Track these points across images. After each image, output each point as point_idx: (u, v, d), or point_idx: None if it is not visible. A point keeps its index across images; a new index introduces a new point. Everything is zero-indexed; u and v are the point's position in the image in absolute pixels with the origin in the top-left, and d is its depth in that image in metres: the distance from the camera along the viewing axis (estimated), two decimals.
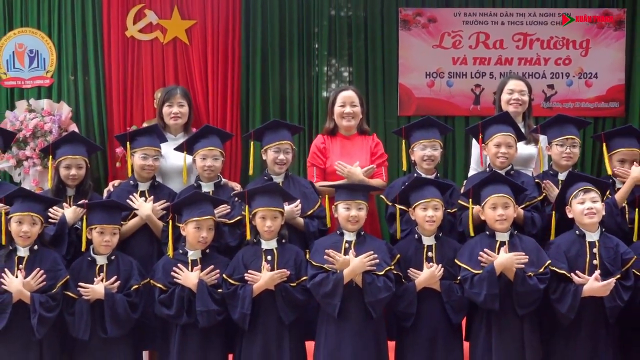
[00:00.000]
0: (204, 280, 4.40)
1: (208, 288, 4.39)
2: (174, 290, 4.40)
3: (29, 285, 4.31)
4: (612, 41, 8.51)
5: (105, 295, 4.36)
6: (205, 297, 4.36)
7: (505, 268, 4.35)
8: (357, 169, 5.14)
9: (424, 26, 8.52)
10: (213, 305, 4.37)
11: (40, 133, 7.90)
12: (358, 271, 4.34)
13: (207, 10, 8.35)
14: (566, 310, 4.36)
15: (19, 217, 4.43)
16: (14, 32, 8.39)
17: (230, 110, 8.31)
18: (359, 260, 4.34)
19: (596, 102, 8.50)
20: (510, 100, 5.35)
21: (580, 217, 4.48)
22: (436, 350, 4.52)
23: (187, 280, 4.40)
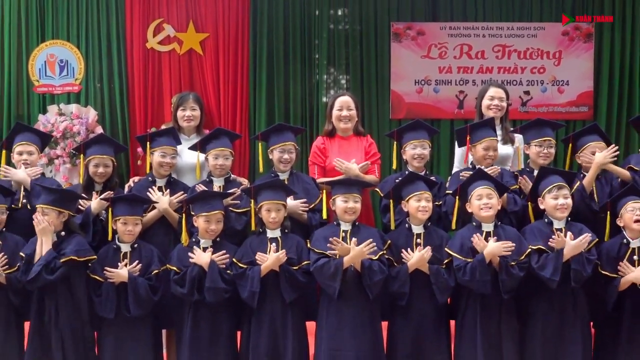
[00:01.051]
0: (215, 261, 4.41)
1: (218, 268, 4.39)
2: (186, 271, 4.41)
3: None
4: (582, 52, 8.50)
5: (129, 278, 4.37)
6: (215, 276, 4.37)
7: (493, 256, 4.35)
8: (353, 165, 5.15)
9: (414, 39, 8.52)
10: (221, 284, 4.38)
11: (69, 134, 7.90)
12: (358, 258, 4.35)
13: (219, 25, 8.35)
14: (551, 274, 4.35)
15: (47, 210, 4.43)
16: (46, 44, 8.38)
17: (239, 114, 8.31)
18: (359, 248, 4.34)
19: (567, 106, 8.50)
20: (490, 105, 5.34)
21: (553, 210, 4.50)
22: (424, 328, 4.52)
23: (200, 259, 4.41)
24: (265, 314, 4.48)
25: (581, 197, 4.71)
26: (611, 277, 4.50)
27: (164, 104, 8.24)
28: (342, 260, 4.34)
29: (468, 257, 4.40)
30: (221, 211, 4.55)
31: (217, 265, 4.39)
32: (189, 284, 4.37)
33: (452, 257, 4.48)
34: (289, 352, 4.46)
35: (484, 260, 4.32)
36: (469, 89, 8.36)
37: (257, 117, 8.42)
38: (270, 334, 4.47)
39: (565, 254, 4.34)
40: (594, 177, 4.80)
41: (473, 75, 8.50)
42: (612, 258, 4.52)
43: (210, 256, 4.41)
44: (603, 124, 8.22)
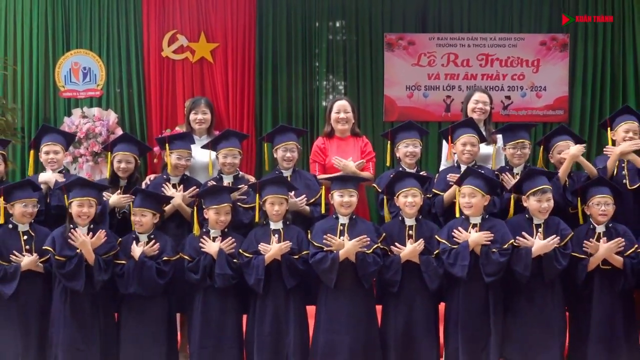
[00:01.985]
0: (224, 249, 4.42)
1: (226, 256, 4.40)
2: (200, 259, 4.42)
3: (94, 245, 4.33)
4: (558, 61, 8.49)
5: (139, 258, 4.37)
6: (223, 263, 4.39)
7: (476, 244, 4.35)
8: (350, 163, 5.17)
9: (405, 48, 8.51)
10: (229, 271, 4.39)
11: (91, 135, 7.89)
12: (351, 252, 4.35)
13: (228, 35, 8.35)
14: (522, 269, 4.37)
15: (80, 201, 4.42)
16: (71, 53, 8.37)
17: (246, 117, 8.31)
18: (352, 243, 4.35)
19: (545, 110, 8.49)
20: (475, 108, 5.35)
21: (536, 212, 4.51)
22: (414, 312, 4.52)
23: (210, 248, 4.42)
24: (269, 299, 4.48)
25: (557, 188, 4.71)
26: (580, 257, 4.51)
27: (178, 108, 8.23)
28: (337, 254, 4.34)
29: (454, 244, 4.41)
30: (229, 204, 4.56)
31: (225, 254, 4.40)
32: (202, 271, 4.39)
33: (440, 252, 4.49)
34: (291, 334, 4.47)
35: (467, 248, 4.33)
36: (455, 94, 8.35)
37: (262, 120, 8.42)
38: (273, 317, 4.47)
39: (534, 251, 4.36)
40: (568, 169, 4.80)
41: (459, 82, 8.49)
42: (581, 241, 4.52)
43: (219, 245, 4.42)
44: (577, 126, 8.23)
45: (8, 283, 4.33)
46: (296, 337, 4.48)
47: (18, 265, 4.34)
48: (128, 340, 4.49)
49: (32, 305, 4.46)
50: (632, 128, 4.86)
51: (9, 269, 4.34)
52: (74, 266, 4.28)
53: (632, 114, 5.03)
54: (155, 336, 4.50)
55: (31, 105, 8.35)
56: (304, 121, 8.43)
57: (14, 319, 4.41)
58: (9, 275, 4.34)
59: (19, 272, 4.34)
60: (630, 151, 4.77)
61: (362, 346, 4.45)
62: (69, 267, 4.28)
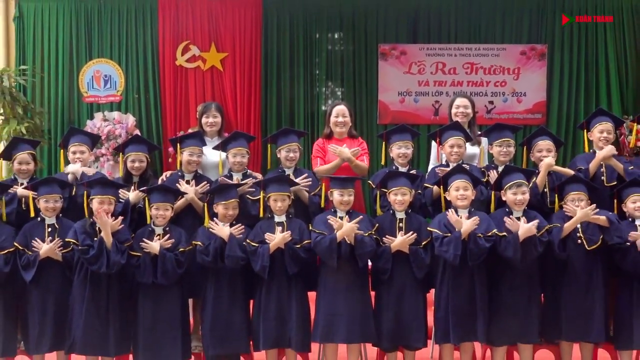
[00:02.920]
0: (234, 233, 4.40)
1: (236, 239, 4.39)
2: (210, 243, 4.40)
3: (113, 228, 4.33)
4: (536, 69, 8.50)
5: (159, 251, 4.35)
6: (233, 246, 4.35)
7: (467, 233, 4.33)
8: (345, 149, 5.13)
9: (397, 57, 8.51)
10: (239, 253, 4.36)
11: (112, 137, 7.90)
12: (349, 232, 4.34)
13: (236, 46, 8.35)
14: (512, 254, 4.34)
15: (100, 199, 4.41)
16: (93, 62, 8.37)
17: (253, 120, 8.32)
18: (350, 224, 4.35)
19: (525, 114, 8.50)
20: (457, 113, 5.34)
21: (512, 204, 4.50)
22: (403, 297, 4.50)
23: (221, 232, 4.39)
24: (274, 285, 4.47)
25: (535, 194, 4.70)
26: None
27: (190, 112, 8.24)
28: (335, 235, 4.34)
29: (446, 233, 4.39)
30: (236, 199, 4.55)
31: (235, 237, 4.39)
32: (213, 252, 4.36)
33: (430, 239, 4.47)
34: (293, 316, 4.46)
35: (460, 236, 4.32)
36: (443, 99, 8.34)
37: (267, 122, 8.43)
38: (277, 301, 4.46)
39: (520, 234, 4.34)
40: (544, 177, 4.77)
41: (446, 88, 8.49)
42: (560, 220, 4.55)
43: (229, 230, 4.41)
44: (554, 128, 8.24)
45: (29, 270, 4.33)
46: (298, 319, 4.47)
47: (37, 253, 4.34)
48: (145, 325, 4.47)
49: (50, 292, 4.44)
50: (606, 128, 4.87)
51: (30, 257, 4.34)
52: (96, 250, 4.26)
53: (606, 115, 5.04)
54: (171, 321, 4.48)
55: (57, 109, 8.36)
56: (305, 124, 8.43)
57: (33, 303, 4.41)
58: (30, 263, 4.33)
59: (37, 260, 4.33)
60: (610, 156, 4.78)
61: (358, 328, 4.44)
62: (92, 251, 4.26)
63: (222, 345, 4.47)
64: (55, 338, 4.42)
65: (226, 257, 4.36)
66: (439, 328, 4.53)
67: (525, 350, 4.57)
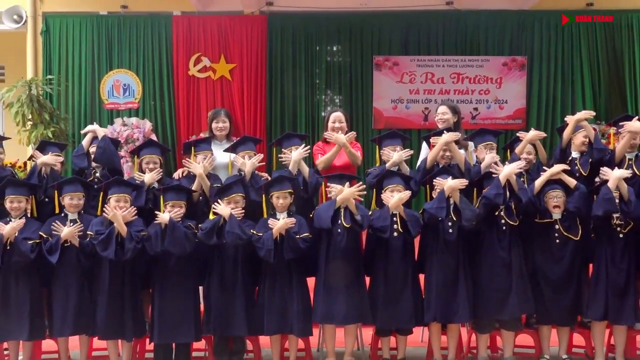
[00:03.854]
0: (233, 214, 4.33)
1: (235, 219, 4.31)
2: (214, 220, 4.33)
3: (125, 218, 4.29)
4: (517, 78, 8.51)
5: (169, 220, 4.30)
6: (233, 223, 4.29)
7: (452, 189, 4.30)
8: (341, 135, 5.08)
9: (390, 68, 8.52)
10: (237, 229, 4.29)
11: (130, 140, 7.91)
12: (348, 196, 4.32)
13: (243, 58, 8.36)
14: (494, 196, 4.27)
15: (117, 197, 4.40)
16: (113, 72, 8.39)
17: (259, 125, 8.34)
18: (349, 189, 4.33)
19: (506, 119, 8.50)
20: (438, 120, 5.33)
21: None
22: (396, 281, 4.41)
23: (223, 211, 4.34)
24: (277, 273, 4.44)
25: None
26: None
27: (202, 117, 8.25)
28: (334, 201, 4.31)
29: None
30: (239, 194, 4.50)
31: (234, 217, 4.31)
32: (211, 225, 4.30)
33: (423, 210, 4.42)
34: (295, 305, 4.43)
35: (443, 192, 4.30)
36: (432, 107, 8.34)
37: (272, 127, 8.44)
38: (280, 286, 4.42)
39: (502, 177, 4.30)
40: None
41: (435, 96, 8.50)
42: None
43: (230, 209, 4.36)
44: None
45: (53, 253, 4.33)
46: (299, 303, 4.44)
47: (59, 236, 4.33)
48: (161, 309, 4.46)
49: (72, 280, 4.42)
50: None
51: (53, 241, 4.33)
52: (105, 236, 4.24)
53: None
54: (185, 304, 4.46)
55: (80, 115, 8.37)
56: (306, 128, 8.43)
57: (57, 290, 4.41)
58: (52, 247, 4.33)
59: (59, 242, 4.32)
60: (584, 118, 4.73)
61: (355, 309, 4.41)
62: (101, 237, 4.25)
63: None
64: (77, 322, 4.41)
65: (226, 233, 4.28)
66: (427, 308, 4.49)
67: (507, 334, 4.54)
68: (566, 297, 4.45)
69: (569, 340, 4.63)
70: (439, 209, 4.31)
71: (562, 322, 4.55)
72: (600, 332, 4.55)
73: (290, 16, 8.45)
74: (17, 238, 4.29)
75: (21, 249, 4.28)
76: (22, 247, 4.28)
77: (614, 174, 4.34)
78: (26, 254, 4.28)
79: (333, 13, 8.45)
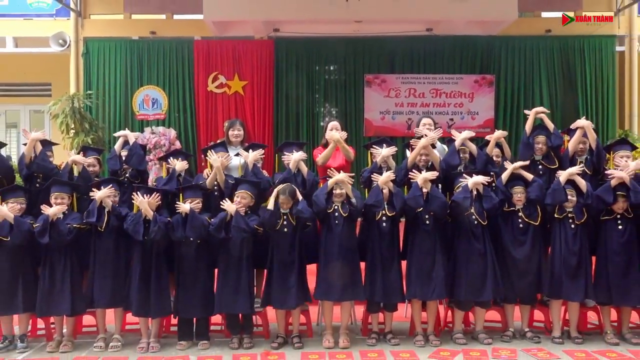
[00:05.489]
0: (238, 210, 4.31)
1: (241, 215, 4.29)
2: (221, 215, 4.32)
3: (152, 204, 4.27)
4: (486, 94, 8.50)
5: (190, 210, 4.29)
6: (239, 219, 4.26)
7: (424, 180, 4.28)
8: (335, 133, 5.04)
9: (379, 85, 8.51)
10: (242, 225, 4.26)
11: (158, 146, 7.90)
12: (341, 178, 4.30)
13: (254, 76, 8.37)
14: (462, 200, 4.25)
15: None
16: (143, 88, 8.39)
17: (267, 132, 8.34)
18: (343, 175, 4.32)
19: (477, 128, 8.47)
20: (423, 129, 5.32)
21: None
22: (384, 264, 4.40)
23: (230, 207, 4.33)
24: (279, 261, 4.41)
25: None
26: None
27: (219, 127, 8.24)
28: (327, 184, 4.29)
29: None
30: (246, 191, 4.48)
31: (239, 213, 4.29)
32: (219, 221, 4.28)
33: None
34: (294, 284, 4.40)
35: (417, 184, 4.31)
36: (414, 117, 8.33)
37: (278, 134, 8.42)
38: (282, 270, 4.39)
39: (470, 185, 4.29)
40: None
41: (417, 109, 8.49)
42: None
43: (235, 207, 4.34)
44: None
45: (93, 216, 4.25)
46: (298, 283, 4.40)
47: (95, 201, 4.27)
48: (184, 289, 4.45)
49: (109, 258, 4.38)
50: (541, 140, 4.84)
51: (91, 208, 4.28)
52: (134, 218, 4.25)
53: (542, 128, 5.00)
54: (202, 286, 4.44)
55: (115, 125, 8.35)
56: (307, 135, 8.43)
57: (94, 268, 4.39)
58: (90, 212, 4.27)
59: (95, 205, 4.25)
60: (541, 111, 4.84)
61: (349, 287, 4.39)
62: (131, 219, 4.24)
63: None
64: (112, 297, 4.40)
65: (232, 227, 4.25)
66: (408, 287, 4.48)
67: (479, 310, 4.54)
68: (528, 278, 4.44)
69: (530, 316, 4.63)
70: (413, 199, 4.29)
71: (525, 300, 4.54)
72: (557, 309, 4.54)
73: (294, 41, 8.45)
74: (59, 220, 4.29)
75: (60, 228, 4.26)
76: (62, 227, 4.27)
77: (565, 171, 4.36)
78: (64, 234, 4.26)
79: (330, 38, 8.46)
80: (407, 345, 4.42)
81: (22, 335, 4.43)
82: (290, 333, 4.54)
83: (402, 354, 4.21)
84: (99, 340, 4.43)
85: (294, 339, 4.47)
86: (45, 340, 4.52)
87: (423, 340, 4.43)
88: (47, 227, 4.20)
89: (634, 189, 4.29)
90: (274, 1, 7.60)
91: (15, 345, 4.41)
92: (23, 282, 4.35)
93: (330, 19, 7.78)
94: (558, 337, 4.45)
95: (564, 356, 4.15)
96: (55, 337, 4.45)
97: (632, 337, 4.42)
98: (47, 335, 4.55)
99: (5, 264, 4.29)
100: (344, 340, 4.42)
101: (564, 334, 4.52)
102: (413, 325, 4.60)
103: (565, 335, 4.51)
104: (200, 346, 4.41)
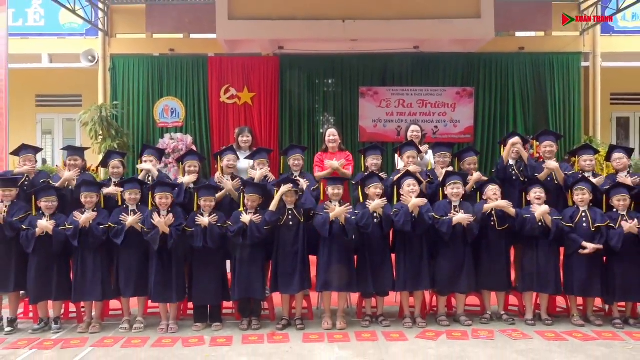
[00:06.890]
0: (253, 220, 4.35)
1: (254, 224, 4.35)
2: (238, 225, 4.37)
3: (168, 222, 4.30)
4: (467, 104, 8.49)
5: (209, 224, 4.33)
6: (253, 228, 4.32)
7: (414, 206, 4.33)
8: (334, 162, 5.13)
9: (372, 96, 8.49)
10: (256, 233, 4.32)
11: (176, 150, 7.89)
12: (340, 213, 4.32)
13: (261, 88, 8.34)
14: (445, 230, 4.35)
15: (160, 195, 4.41)
16: (163, 99, 8.37)
17: (273, 138, 8.29)
18: (341, 208, 4.34)
19: (459, 135, 8.47)
20: (412, 135, 5.34)
21: (451, 196, 4.50)
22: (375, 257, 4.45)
23: (244, 218, 4.37)
24: (285, 251, 4.44)
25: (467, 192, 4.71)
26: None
27: (230, 133, 8.21)
28: (328, 215, 4.32)
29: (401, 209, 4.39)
30: (254, 194, 4.50)
31: (254, 223, 4.34)
32: (237, 229, 4.34)
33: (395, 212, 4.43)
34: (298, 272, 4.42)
35: (407, 209, 4.32)
36: (403, 125, 8.29)
37: (282, 140, 8.39)
38: (286, 261, 4.42)
39: (454, 220, 4.34)
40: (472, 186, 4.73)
41: (405, 117, 8.46)
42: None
43: (250, 218, 4.36)
44: (479, 145, 8.22)
45: (119, 236, 4.34)
46: (302, 272, 4.43)
47: (124, 224, 4.34)
48: (198, 278, 4.48)
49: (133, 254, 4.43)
50: (517, 141, 4.89)
51: (119, 228, 4.35)
52: (153, 234, 4.29)
53: (516, 134, 5.07)
54: (215, 276, 4.47)
55: (138, 131, 8.34)
56: (308, 141, 8.39)
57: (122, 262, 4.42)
58: (119, 232, 4.34)
59: (125, 228, 4.33)
60: (517, 142, 4.88)
61: (345, 279, 4.43)
62: (151, 234, 4.29)
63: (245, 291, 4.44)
64: (137, 287, 4.43)
65: (248, 235, 4.32)
66: (398, 279, 4.51)
67: (460, 296, 4.57)
68: (500, 269, 4.50)
69: (505, 301, 4.65)
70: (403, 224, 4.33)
71: (500, 287, 4.57)
72: (529, 295, 4.58)
73: (296, 57, 8.44)
74: (92, 224, 4.31)
75: (95, 233, 4.31)
76: (97, 232, 4.31)
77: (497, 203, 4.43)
78: (99, 237, 4.32)
79: (328, 55, 8.44)
80: (396, 327, 4.44)
81: (56, 318, 4.46)
82: (293, 316, 4.57)
83: (393, 334, 4.24)
84: (124, 322, 4.47)
85: (297, 321, 4.51)
86: (77, 322, 4.54)
87: (411, 322, 4.47)
88: (77, 233, 4.26)
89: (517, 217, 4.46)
90: (279, 22, 7.60)
91: (50, 326, 4.45)
92: (58, 272, 4.39)
93: (329, 38, 7.78)
94: (530, 320, 4.50)
95: (535, 336, 4.18)
96: (85, 320, 4.49)
97: (595, 319, 4.47)
98: (78, 317, 4.58)
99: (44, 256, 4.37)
100: (341, 322, 4.46)
101: (536, 316, 4.55)
102: (402, 309, 4.63)
103: (536, 317, 4.54)
104: (213, 327, 4.43)
